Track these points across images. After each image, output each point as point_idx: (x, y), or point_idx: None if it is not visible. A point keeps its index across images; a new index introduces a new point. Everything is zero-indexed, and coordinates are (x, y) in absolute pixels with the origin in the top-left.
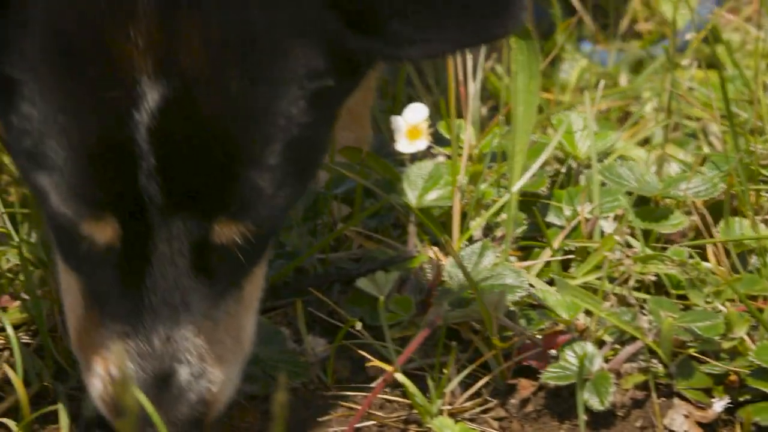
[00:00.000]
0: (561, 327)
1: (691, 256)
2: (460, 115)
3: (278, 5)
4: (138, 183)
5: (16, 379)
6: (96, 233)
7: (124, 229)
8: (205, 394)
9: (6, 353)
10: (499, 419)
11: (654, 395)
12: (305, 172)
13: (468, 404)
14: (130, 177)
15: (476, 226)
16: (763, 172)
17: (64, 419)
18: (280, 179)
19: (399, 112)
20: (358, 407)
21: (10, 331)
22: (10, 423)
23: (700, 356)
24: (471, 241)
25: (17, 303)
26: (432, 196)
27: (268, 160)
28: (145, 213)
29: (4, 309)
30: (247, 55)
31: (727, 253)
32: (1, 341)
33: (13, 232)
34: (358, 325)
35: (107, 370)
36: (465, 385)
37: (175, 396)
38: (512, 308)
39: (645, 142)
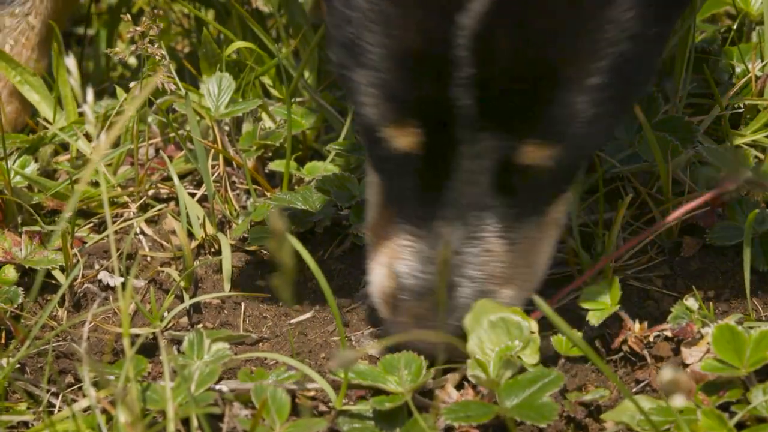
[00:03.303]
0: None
1: None
2: None
3: None
4: (449, 92)
5: (180, 229)
6: (398, 138)
7: (427, 137)
8: None
9: (171, 203)
10: (663, 277)
11: None
12: (628, 96)
13: (632, 261)
14: (442, 84)
15: None
16: None
17: (227, 269)
18: (600, 102)
19: None
20: None
21: (176, 180)
22: (173, 272)
23: None
24: None
25: (182, 153)
26: None
27: (591, 78)
28: (451, 125)
29: (170, 159)
30: None
31: None
32: (166, 191)
33: (179, 82)
34: None
35: (389, 263)
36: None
37: (451, 309)
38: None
39: None
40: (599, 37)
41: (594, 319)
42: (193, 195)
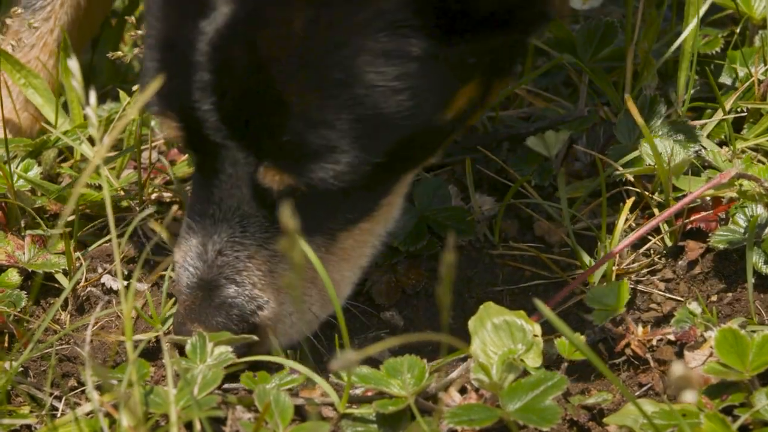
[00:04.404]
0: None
1: None
2: None
3: None
4: (192, 94)
5: None
6: (164, 129)
7: (187, 134)
8: (250, 316)
9: (174, 207)
10: (666, 281)
11: None
12: (378, 146)
13: (635, 265)
14: (188, 84)
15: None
16: None
17: None
18: (337, 141)
19: None
20: (524, 266)
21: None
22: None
23: None
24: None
25: (185, 157)
26: (604, 54)
27: (323, 115)
28: (201, 127)
29: (173, 162)
30: None
31: None
32: (169, 194)
33: None
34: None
35: (176, 264)
36: (633, 245)
37: (215, 306)
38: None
39: None
40: (326, 76)
41: (598, 319)
42: None
